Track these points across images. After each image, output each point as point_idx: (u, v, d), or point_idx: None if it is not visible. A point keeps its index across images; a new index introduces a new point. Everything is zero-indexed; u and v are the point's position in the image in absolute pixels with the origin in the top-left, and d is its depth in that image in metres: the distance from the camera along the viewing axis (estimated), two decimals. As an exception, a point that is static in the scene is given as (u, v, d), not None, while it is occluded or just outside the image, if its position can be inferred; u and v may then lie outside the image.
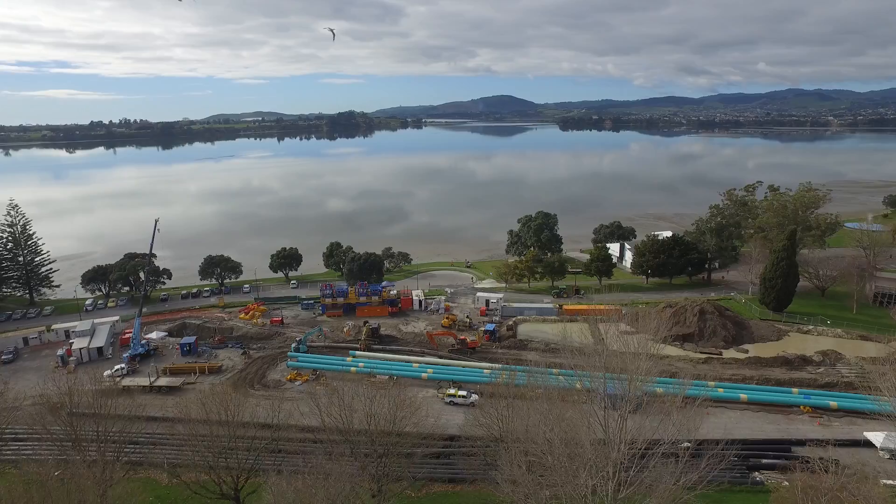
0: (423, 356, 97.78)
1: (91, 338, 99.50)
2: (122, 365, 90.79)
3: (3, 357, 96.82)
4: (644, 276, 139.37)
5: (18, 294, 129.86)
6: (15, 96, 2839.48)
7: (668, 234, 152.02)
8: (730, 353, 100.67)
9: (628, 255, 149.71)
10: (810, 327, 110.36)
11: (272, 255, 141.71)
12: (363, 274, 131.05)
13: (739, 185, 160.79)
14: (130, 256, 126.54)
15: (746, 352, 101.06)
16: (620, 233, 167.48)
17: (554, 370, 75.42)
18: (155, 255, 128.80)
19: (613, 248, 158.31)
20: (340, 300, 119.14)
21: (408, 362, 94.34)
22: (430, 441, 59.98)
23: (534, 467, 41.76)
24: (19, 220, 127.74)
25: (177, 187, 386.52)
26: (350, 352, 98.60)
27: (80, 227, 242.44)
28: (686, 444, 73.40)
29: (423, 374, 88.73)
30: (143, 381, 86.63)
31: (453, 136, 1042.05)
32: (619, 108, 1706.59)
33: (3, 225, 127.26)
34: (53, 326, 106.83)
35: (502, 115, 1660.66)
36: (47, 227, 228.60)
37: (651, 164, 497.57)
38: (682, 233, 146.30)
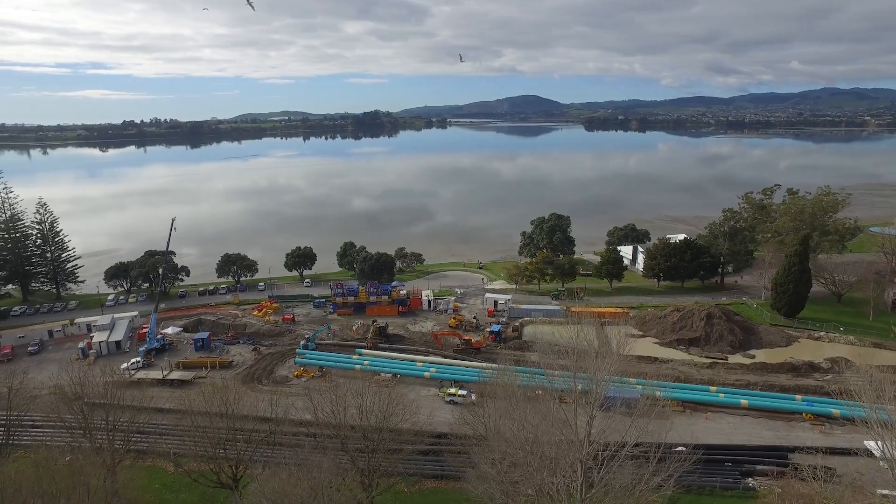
0: (427, 356, 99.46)
1: (110, 332, 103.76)
2: (138, 358, 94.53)
3: (29, 349, 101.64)
4: (656, 280, 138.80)
5: (46, 289, 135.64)
6: (53, 97, 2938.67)
7: (683, 237, 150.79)
8: (736, 359, 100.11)
9: (641, 258, 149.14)
10: (822, 334, 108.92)
11: (287, 254, 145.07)
12: (374, 274, 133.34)
13: (769, 187, 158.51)
14: (151, 254, 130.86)
15: (753, 357, 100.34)
16: (634, 235, 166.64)
17: (528, 370, 76.15)
18: (174, 253, 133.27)
19: (626, 251, 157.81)
20: (351, 299, 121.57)
21: (412, 361, 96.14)
22: (419, 438, 61.56)
23: (502, 465, 43.01)
24: (47, 218, 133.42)
25: (205, 185, 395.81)
26: (356, 350, 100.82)
27: (112, 223, 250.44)
28: (681, 448, 74.23)
29: (426, 374, 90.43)
30: (156, 374, 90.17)
31: (478, 136, 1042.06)
32: (646, 108, 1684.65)
33: (33, 223, 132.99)
34: (76, 320, 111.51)
35: (527, 115, 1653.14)
36: (81, 224, 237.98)
37: (678, 164, 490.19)
38: (695, 236, 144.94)
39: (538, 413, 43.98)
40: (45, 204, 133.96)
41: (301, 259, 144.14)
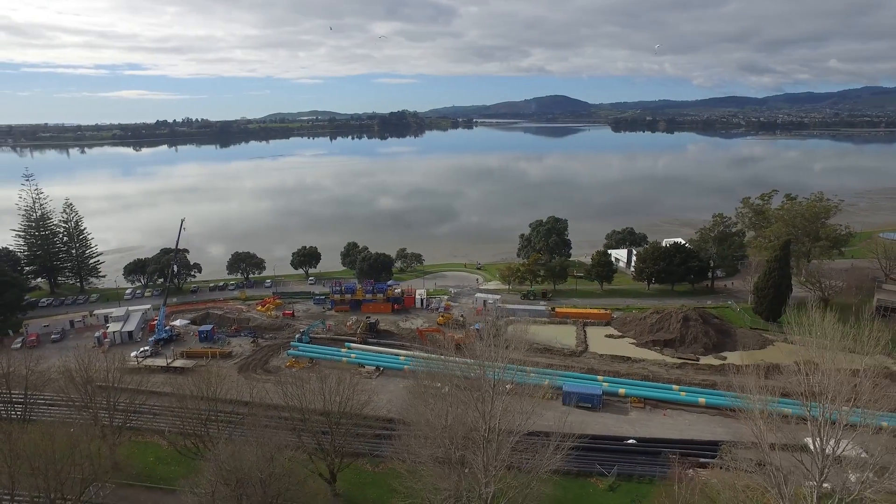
0: (411, 350, 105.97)
1: (124, 323, 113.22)
2: (147, 347, 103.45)
3: (52, 337, 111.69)
4: (646, 283, 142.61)
5: (71, 282, 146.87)
6: (93, 97, 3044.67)
7: (677, 241, 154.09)
8: (707, 360, 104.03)
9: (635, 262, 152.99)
10: (797, 338, 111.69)
11: (293, 253, 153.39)
12: (373, 273, 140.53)
13: (802, 191, 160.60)
14: (166, 251, 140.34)
15: (724, 359, 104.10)
16: (632, 239, 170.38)
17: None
18: (187, 251, 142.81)
19: (621, 254, 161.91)
20: (348, 296, 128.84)
21: (395, 355, 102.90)
22: (369, 422, 68.01)
23: (424, 443, 49.09)
24: (73, 218, 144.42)
25: (233, 184, 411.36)
26: (346, 343, 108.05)
27: (145, 220, 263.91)
28: (631, 441, 79.59)
29: (405, 367, 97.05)
30: (161, 361, 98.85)
31: (504, 137, 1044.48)
32: (676, 108, 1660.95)
33: (60, 222, 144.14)
34: (95, 312, 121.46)
35: (554, 115, 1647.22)
36: (115, 221, 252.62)
37: (706, 166, 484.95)
38: (685, 241, 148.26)
39: (451, 399, 49.77)
40: (71, 204, 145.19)
41: (306, 258, 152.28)
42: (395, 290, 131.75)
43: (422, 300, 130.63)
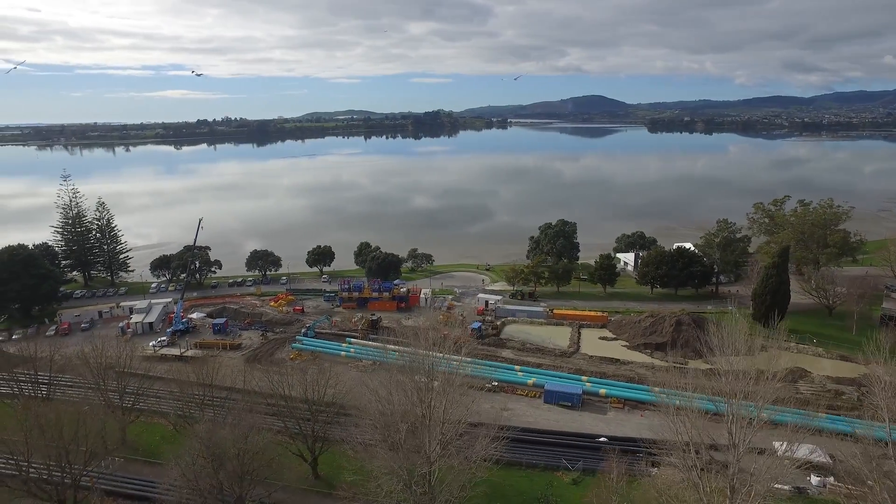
0: (408, 346, 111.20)
1: (146, 314, 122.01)
2: (164, 338, 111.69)
3: (82, 325, 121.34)
4: (650, 287, 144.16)
5: (103, 276, 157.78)
6: (139, 97, 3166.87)
7: (688, 245, 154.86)
8: (696, 364, 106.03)
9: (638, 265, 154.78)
10: (791, 344, 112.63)
11: (308, 252, 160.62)
12: (381, 272, 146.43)
13: (779, 198, 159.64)
14: (188, 248, 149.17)
15: (714, 364, 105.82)
16: (641, 243, 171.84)
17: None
18: (209, 248, 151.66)
19: (629, 258, 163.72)
20: (356, 294, 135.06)
21: (393, 351, 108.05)
22: (348, 409, 73.29)
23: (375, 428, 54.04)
24: (105, 216, 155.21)
25: (270, 182, 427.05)
26: (347, 339, 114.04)
27: (186, 216, 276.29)
28: (603, 439, 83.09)
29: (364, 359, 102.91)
30: (176, 351, 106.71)
31: (538, 137, 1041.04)
32: (717, 108, 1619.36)
33: (93, 219, 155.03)
34: (121, 304, 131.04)
35: (591, 115, 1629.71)
36: (158, 216, 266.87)
37: (746, 168, 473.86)
38: (691, 246, 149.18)
39: (400, 387, 54.45)
40: (103, 203, 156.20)
41: (320, 256, 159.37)
42: (401, 289, 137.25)
43: (426, 299, 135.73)
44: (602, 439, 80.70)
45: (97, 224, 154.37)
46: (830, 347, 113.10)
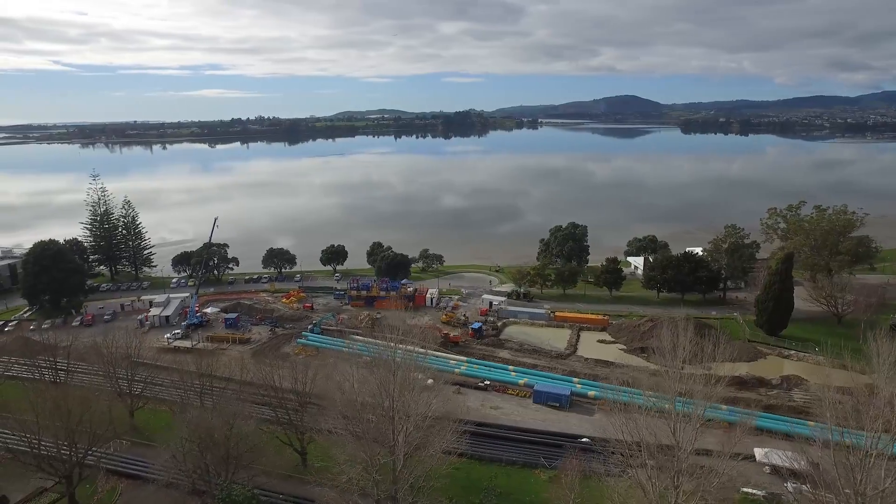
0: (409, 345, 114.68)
1: (164, 308, 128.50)
2: (178, 331, 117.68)
3: (104, 317, 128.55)
4: (656, 291, 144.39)
5: (128, 270, 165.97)
6: (177, 96, 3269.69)
7: (698, 250, 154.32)
8: (694, 369, 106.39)
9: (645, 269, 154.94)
10: (791, 352, 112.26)
11: (322, 251, 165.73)
12: (390, 271, 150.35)
13: (795, 204, 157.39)
14: (207, 245, 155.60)
15: (709, 369, 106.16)
16: (653, 247, 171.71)
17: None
18: (227, 246, 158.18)
19: (638, 261, 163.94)
20: (364, 293, 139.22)
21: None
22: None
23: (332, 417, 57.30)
24: (130, 213, 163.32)
25: (301, 180, 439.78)
26: (351, 336, 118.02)
27: (219, 212, 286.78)
28: (585, 440, 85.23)
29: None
30: (188, 344, 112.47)
31: (569, 138, 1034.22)
32: (754, 108, 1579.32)
33: (119, 217, 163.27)
34: (142, 297, 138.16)
35: (623, 115, 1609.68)
36: (193, 212, 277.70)
37: (784, 170, 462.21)
38: (696, 251, 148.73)
39: (361, 379, 57.69)
40: (129, 201, 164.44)
41: (333, 255, 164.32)
42: (408, 289, 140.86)
43: (432, 299, 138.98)
44: (584, 440, 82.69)
45: (123, 221, 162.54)
46: (834, 356, 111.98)
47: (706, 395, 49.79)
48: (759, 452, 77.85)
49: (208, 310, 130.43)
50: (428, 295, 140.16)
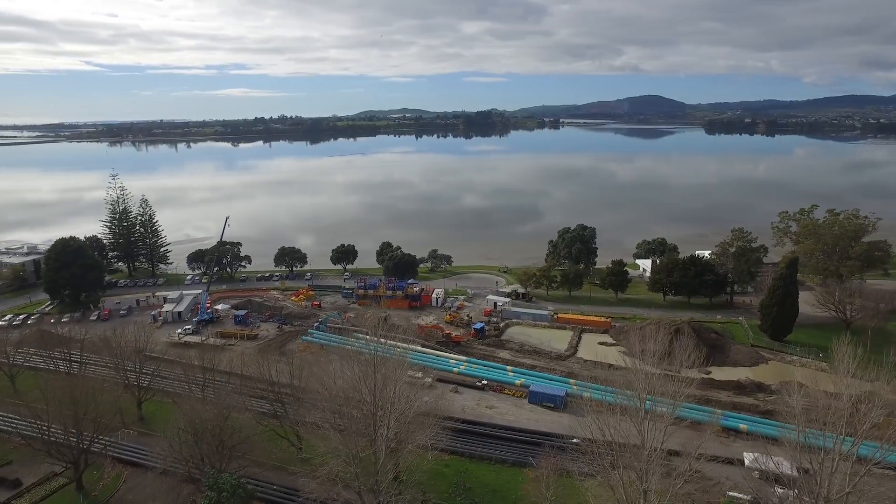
0: (411, 344, 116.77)
1: (176, 304, 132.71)
2: (189, 326, 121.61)
3: (120, 312, 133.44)
4: (662, 294, 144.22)
5: (145, 267, 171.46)
6: (202, 95, 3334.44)
7: (706, 253, 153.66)
8: (690, 373, 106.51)
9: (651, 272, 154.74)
10: (794, 358, 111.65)
11: (333, 250, 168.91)
12: (398, 271, 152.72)
13: (806, 208, 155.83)
14: (221, 244, 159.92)
15: (708, 373, 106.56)
16: (662, 249, 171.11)
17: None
18: (240, 244, 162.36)
19: (646, 264, 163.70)
20: (370, 292, 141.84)
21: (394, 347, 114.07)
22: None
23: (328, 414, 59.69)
24: (147, 212, 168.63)
25: (323, 178, 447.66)
26: (355, 334, 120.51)
27: (243, 209, 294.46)
28: (576, 441, 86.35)
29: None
30: (197, 339, 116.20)
31: (591, 138, 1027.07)
32: (782, 109, 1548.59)
33: (137, 215, 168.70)
34: (157, 293, 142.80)
35: (646, 116, 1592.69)
36: (221, 209, 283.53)
37: (814, 172, 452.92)
38: (704, 255, 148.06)
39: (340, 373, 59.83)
40: (146, 200, 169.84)
41: (343, 254, 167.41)
42: (414, 289, 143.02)
43: (437, 299, 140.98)
44: (575, 441, 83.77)
45: (140, 219, 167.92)
46: (837, 362, 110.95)
47: (674, 395, 50.63)
48: (748, 457, 78.16)
49: (219, 306, 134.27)
50: (434, 295, 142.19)
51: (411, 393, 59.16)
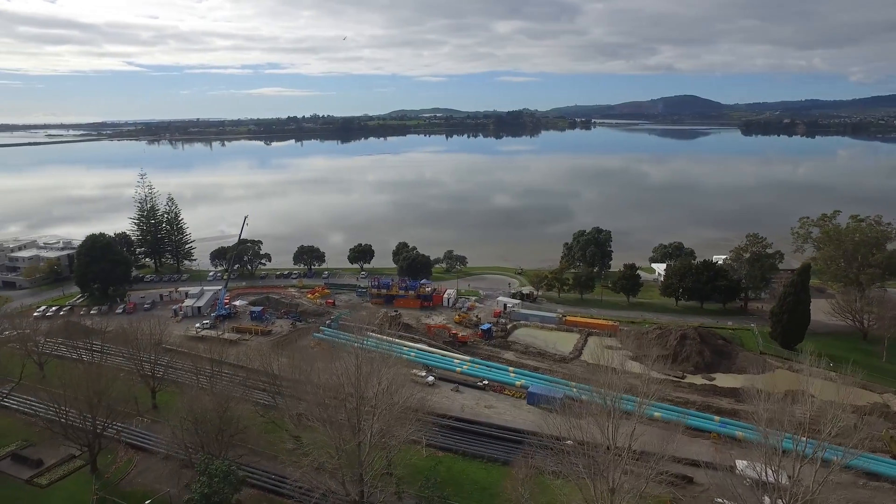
0: (418, 343, 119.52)
1: (197, 300, 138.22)
2: (207, 321, 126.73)
3: (144, 306, 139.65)
4: (674, 299, 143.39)
5: (171, 262, 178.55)
6: (237, 94, 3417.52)
7: (721, 259, 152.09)
8: (695, 379, 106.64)
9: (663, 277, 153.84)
10: (802, 366, 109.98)
11: (350, 249, 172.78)
12: (411, 271, 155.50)
13: (828, 214, 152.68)
14: (242, 241, 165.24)
15: (712, 380, 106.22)
16: (678, 253, 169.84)
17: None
18: (261, 242, 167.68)
19: (661, 268, 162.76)
20: (384, 291, 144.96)
21: (400, 345, 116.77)
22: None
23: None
24: (173, 210, 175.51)
25: (354, 177, 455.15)
26: (365, 332, 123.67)
27: (275, 207, 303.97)
28: (569, 442, 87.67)
29: (402, 357, 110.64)
30: (213, 333, 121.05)
31: (623, 138, 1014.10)
32: (825, 109, 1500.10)
33: (164, 213, 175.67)
34: (179, 288, 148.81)
35: (680, 116, 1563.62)
36: (251, 206, 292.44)
37: (858, 175, 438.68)
38: (720, 260, 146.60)
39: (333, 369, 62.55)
40: (172, 198, 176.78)
41: (360, 254, 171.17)
42: (426, 289, 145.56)
43: (449, 299, 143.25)
44: (569, 442, 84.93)
45: (166, 217, 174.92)
46: (849, 372, 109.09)
47: (645, 395, 51.99)
48: (740, 464, 78.16)
49: (237, 302, 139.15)
50: (445, 295, 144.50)
51: (398, 388, 61.40)
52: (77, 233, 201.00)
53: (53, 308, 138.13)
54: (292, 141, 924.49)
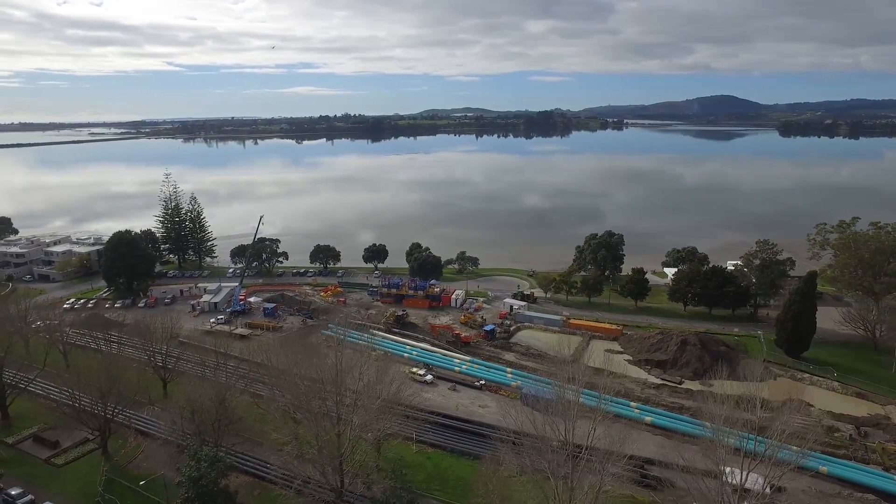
0: (421, 342, 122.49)
1: (214, 295, 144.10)
2: (222, 316, 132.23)
3: (165, 301, 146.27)
4: (683, 304, 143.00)
5: (193, 259, 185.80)
6: (271, 93, 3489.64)
7: (735, 264, 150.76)
8: (692, 385, 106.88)
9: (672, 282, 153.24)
10: (804, 375, 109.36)
11: (365, 249, 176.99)
12: (423, 271, 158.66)
13: (847, 221, 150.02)
14: (261, 240, 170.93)
15: (710, 386, 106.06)
16: (691, 258, 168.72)
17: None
18: (278, 241, 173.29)
19: (672, 272, 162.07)
20: (393, 291, 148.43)
21: (404, 344, 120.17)
22: None
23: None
24: (195, 208, 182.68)
25: (384, 176, 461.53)
26: (372, 330, 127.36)
27: (307, 205, 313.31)
28: (555, 443, 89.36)
29: (404, 355, 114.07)
30: (226, 328, 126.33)
31: (654, 139, 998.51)
32: (871, 109, 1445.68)
33: (187, 212, 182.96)
34: (198, 284, 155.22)
35: (716, 117, 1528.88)
36: (283, 204, 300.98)
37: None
38: (731, 266, 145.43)
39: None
40: (194, 197, 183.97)
41: (374, 254, 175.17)
42: (435, 289, 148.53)
43: (457, 300, 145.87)
44: (554, 444, 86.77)
45: (189, 215, 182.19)
46: (853, 383, 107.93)
47: (604, 391, 53.96)
48: (727, 470, 78.54)
49: (252, 299, 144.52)
50: (453, 296, 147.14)
51: (386, 384, 64.43)
52: (114, 228, 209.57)
53: (82, 301, 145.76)
54: (323, 140, 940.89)
